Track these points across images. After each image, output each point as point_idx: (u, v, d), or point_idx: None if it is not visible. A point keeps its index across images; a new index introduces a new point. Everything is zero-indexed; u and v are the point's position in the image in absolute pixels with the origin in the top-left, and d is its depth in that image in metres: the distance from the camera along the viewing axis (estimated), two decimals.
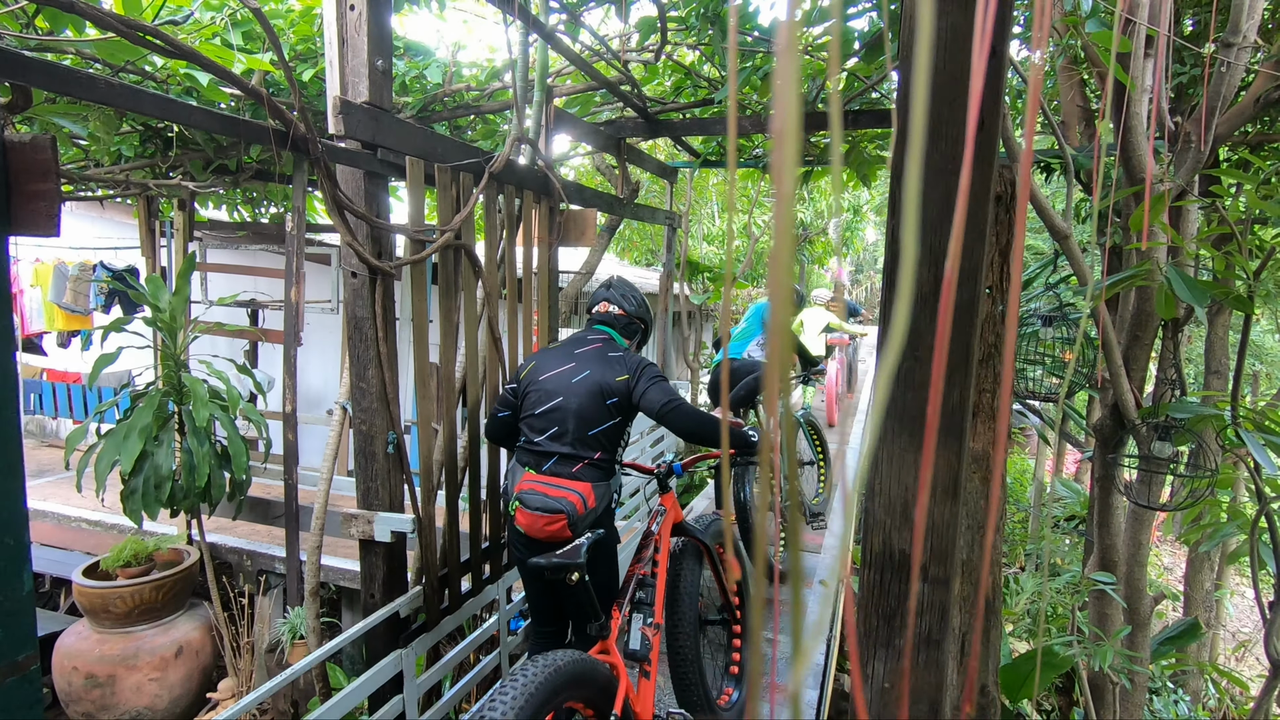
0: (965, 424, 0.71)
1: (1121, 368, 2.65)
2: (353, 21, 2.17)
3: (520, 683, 1.53)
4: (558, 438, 2.12)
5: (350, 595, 4.08)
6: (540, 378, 2.21)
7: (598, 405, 2.12)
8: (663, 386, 2.13)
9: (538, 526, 2.05)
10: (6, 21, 2.11)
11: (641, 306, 2.38)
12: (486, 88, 3.77)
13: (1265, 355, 10.28)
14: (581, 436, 2.11)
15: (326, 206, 2.14)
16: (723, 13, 3.07)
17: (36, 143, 1.13)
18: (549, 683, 1.56)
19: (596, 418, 2.11)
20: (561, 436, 2.12)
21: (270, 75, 3.14)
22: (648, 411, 2.11)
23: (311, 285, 5.89)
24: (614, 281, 2.41)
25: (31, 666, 1.37)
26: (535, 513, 2.04)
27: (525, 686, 1.52)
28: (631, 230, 11.56)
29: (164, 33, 1.64)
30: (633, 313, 2.34)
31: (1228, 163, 3.58)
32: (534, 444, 2.16)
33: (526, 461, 2.16)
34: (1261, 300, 4.76)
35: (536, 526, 2.05)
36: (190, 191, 3.88)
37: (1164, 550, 10.77)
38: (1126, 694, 3.16)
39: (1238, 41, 2.24)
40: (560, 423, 2.12)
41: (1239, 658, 7.79)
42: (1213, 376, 3.86)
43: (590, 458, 2.11)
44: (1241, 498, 6.04)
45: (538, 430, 2.15)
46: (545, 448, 2.13)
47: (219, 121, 1.94)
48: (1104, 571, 3.05)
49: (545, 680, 1.56)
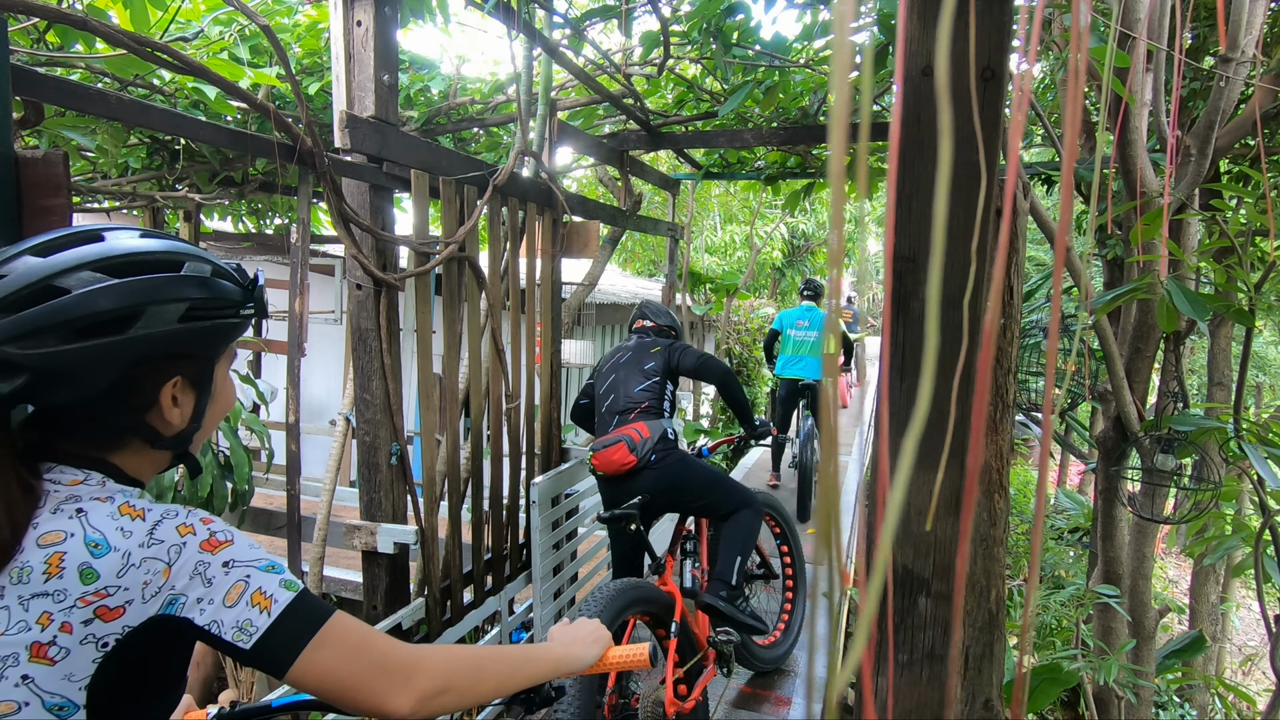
0: (967, 440, 0.72)
1: (1124, 380, 2.65)
2: (359, 37, 2.20)
3: (602, 595, 2.02)
4: (614, 404, 2.82)
5: (352, 606, 4.06)
6: (603, 370, 2.98)
7: (637, 373, 2.83)
8: (693, 351, 2.86)
9: (607, 459, 2.62)
10: (18, 37, 2.14)
11: (668, 317, 3.15)
12: (490, 101, 3.80)
13: (1268, 367, 10.26)
14: (630, 394, 2.79)
15: (332, 219, 2.16)
16: (725, 27, 3.09)
17: (49, 158, 1.15)
18: (623, 595, 2.05)
19: (637, 380, 2.81)
20: (616, 402, 2.81)
21: (277, 89, 3.17)
22: (687, 371, 2.81)
23: (316, 296, 5.91)
24: (646, 302, 3.20)
25: None
26: (604, 450, 2.64)
27: (606, 597, 2.01)
28: (634, 242, 11.60)
29: (173, 49, 1.66)
30: (662, 324, 3.11)
31: (1228, 176, 3.59)
32: (602, 414, 2.86)
33: (599, 429, 2.84)
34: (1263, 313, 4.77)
35: (607, 460, 2.63)
36: (196, 203, 3.90)
37: (1169, 563, 10.70)
38: (1132, 708, 3.14)
39: (1236, 56, 2.25)
40: (614, 392, 2.84)
41: (1245, 672, 7.73)
42: (1215, 388, 3.86)
43: (639, 406, 2.75)
44: (1246, 510, 6.01)
45: (604, 404, 2.87)
46: (609, 413, 2.82)
47: (226, 136, 1.96)
48: (1108, 584, 3.03)
49: (620, 592, 2.06)
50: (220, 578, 0.73)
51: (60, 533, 0.70)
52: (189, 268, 0.79)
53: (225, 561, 0.74)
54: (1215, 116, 2.27)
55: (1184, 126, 2.93)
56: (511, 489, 3.08)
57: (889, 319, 0.76)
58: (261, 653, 0.73)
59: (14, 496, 0.70)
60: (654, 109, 4.27)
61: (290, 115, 2.11)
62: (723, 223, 12.03)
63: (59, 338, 0.70)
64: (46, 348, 0.70)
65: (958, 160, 0.68)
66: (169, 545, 0.72)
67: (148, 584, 0.70)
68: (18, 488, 0.71)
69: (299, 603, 0.75)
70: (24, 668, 0.66)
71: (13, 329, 0.69)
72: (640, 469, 2.57)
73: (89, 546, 0.70)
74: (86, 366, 0.72)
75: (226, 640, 0.72)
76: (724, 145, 4.36)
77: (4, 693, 0.66)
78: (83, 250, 0.74)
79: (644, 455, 2.56)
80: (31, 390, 0.72)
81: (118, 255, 0.75)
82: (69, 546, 0.69)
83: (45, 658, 0.67)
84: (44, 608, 0.67)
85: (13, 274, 0.71)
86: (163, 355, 0.77)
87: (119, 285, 0.73)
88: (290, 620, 0.74)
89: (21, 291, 0.70)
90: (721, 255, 11.89)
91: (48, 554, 0.69)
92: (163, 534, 0.73)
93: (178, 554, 0.72)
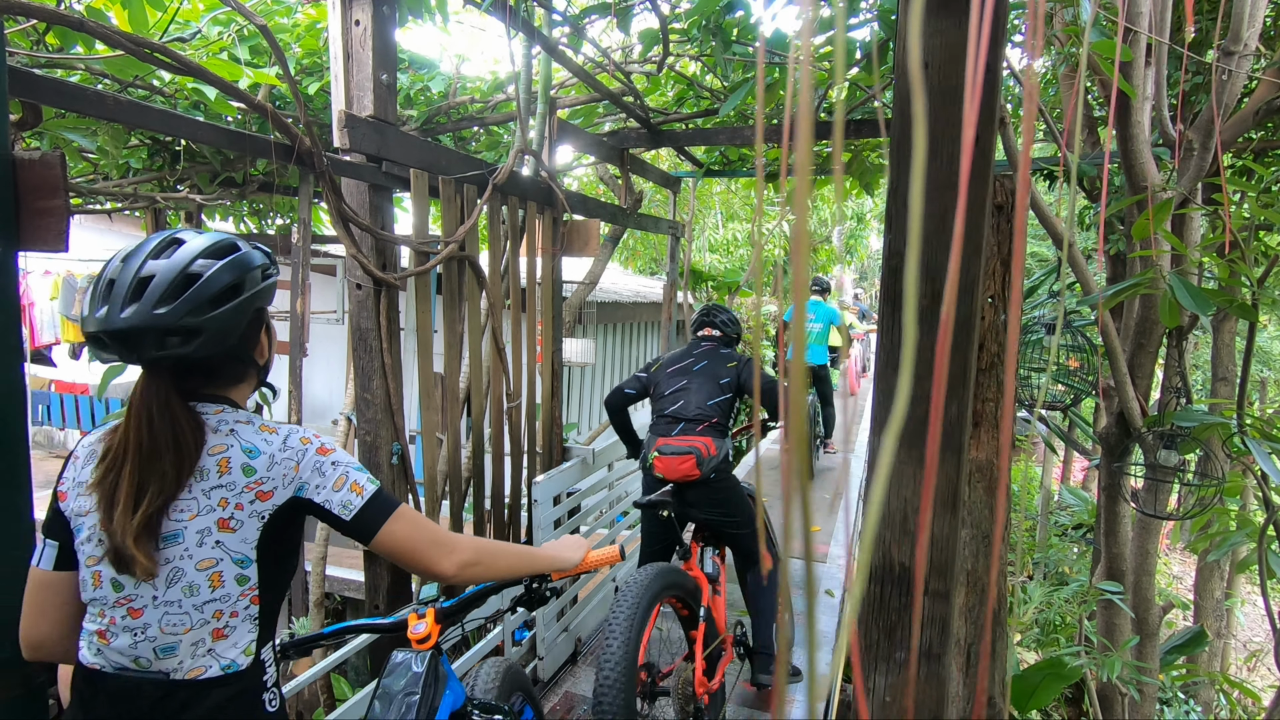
0: (964, 437, 0.71)
1: (1127, 376, 2.64)
2: (358, 36, 2.20)
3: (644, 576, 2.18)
4: (683, 409, 2.81)
5: (355, 606, 4.08)
6: (668, 370, 2.95)
7: (713, 385, 2.83)
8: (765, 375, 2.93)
9: (672, 467, 2.67)
10: (18, 39, 2.14)
11: (735, 326, 3.12)
12: (490, 100, 3.80)
13: (1272, 362, 10.22)
14: (701, 405, 2.79)
15: (331, 219, 2.16)
16: (724, 24, 3.08)
17: (46, 160, 1.15)
18: (658, 579, 2.21)
19: (712, 393, 2.81)
20: (686, 408, 2.80)
21: (276, 89, 3.17)
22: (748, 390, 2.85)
23: (317, 296, 5.92)
24: (711, 307, 3.17)
25: (39, 678, 1.37)
26: (670, 457, 2.67)
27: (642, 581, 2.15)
28: (635, 240, 11.59)
29: (171, 50, 1.66)
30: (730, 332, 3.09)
31: (1231, 170, 3.57)
32: (665, 415, 2.83)
33: (661, 430, 2.81)
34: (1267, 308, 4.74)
35: (671, 467, 2.67)
36: (197, 204, 3.91)
37: (1173, 559, 10.67)
38: (1135, 705, 3.13)
39: (1239, 49, 2.24)
40: (685, 398, 2.82)
41: (1250, 668, 7.70)
42: (1219, 384, 3.84)
43: (709, 420, 2.76)
44: (1250, 506, 5.98)
45: (669, 405, 2.85)
46: (674, 417, 2.81)
47: (225, 136, 1.96)
48: (1112, 581, 3.03)
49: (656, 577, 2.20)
50: (330, 471, 1.07)
51: (223, 445, 1.03)
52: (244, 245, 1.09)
53: (333, 462, 1.08)
54: (1218, 110, 2.26)
55: (1186, 121, 2.92)
56: (513, 488, 3.08)
57: (883, 314, 0.75)
58: (356, 524, 1.07)
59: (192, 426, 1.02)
60: (654, 107, 4.26)
61: (289, 115, 2.11)
62: (724, 220, 12.02)
63: (211, 305, 1.01)
64: (206, 314, 1.00)
65: (950, 154, 0.68)
66: (297, 450, 1.06)
67: (286, 475, 1.05)
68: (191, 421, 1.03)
69: (380, 492, 1.10)
70: (215, 535, 1.01)
71: (184, 307, 0.99)
72: (698, 483, 2.70)
73: (245, 452, 1.03)
74: (230, 323, 1.03)
75: (334, 514, 1.07)
76: (725, 143, 4.35)
77: (207, 553, 1.01)
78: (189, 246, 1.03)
79: (707, 472, 2.67)
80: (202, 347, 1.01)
81: (212, 245, 1.05)
82: (231, 454, 1.03)
83: (228, 528, 1.01)
84: (221, 495, 1.01)
85: (158, 274, 0.99)
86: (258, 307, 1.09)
87: (226, 263, 1.04)
88: (375, 502, 1.09)
89: (174, 283, 0.99)
90: (723, 253, 11.87)
91: (217, 460, 1.02)
92: (292, 443, 1.07)
93: (303, 456, 1.06)
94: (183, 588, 1.00)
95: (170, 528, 1.00)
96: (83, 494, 1.03)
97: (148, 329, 0.97)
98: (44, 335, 5.98)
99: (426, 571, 1.13)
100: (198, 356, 1.01)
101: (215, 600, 1.01)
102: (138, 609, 1.00)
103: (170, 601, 1.00)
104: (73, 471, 1.06)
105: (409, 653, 1.37)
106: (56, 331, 5.90)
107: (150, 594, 1.00)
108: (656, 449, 2.74)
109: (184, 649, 1.00)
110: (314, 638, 1.40)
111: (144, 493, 0.99)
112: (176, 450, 1.00)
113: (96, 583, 1.01)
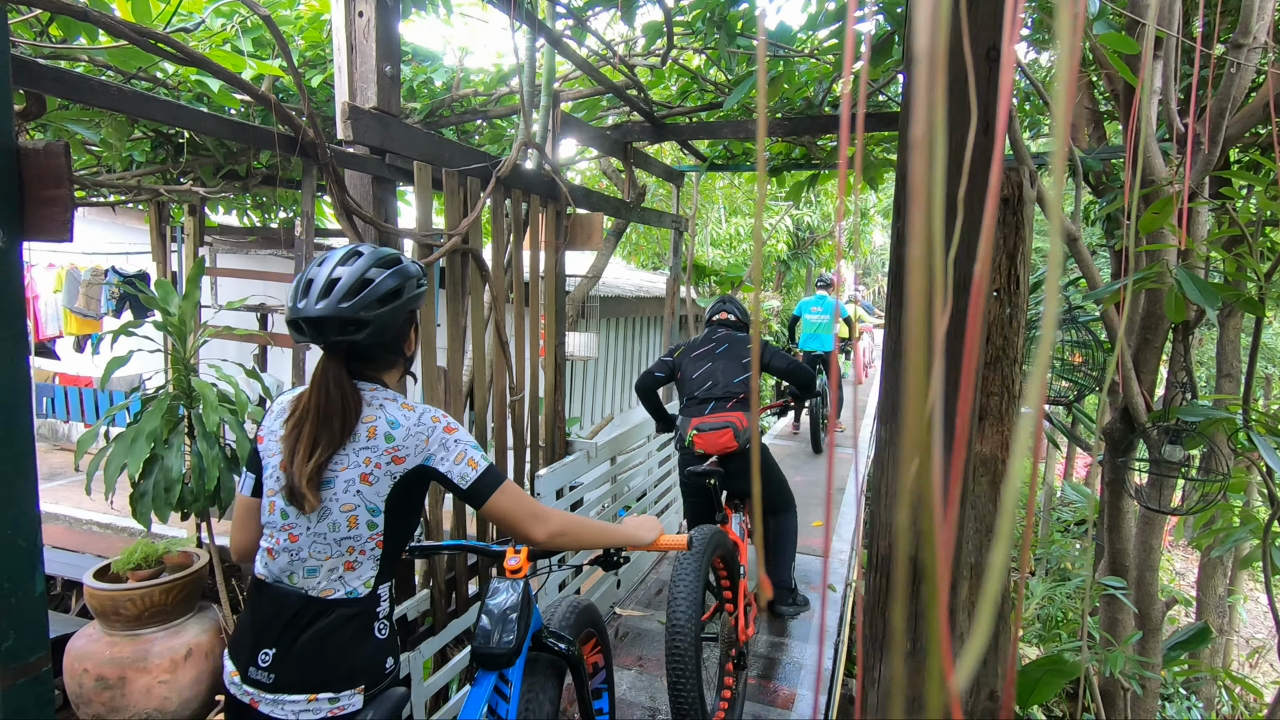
0: (970, 430, 0.71)
1: (1132, 371, 2.63)
2: (361, 28, 2.19)
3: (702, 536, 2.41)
4: (712, 390, 3.11)
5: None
6: (691, 355, 3.25)
7: (737, 365, 3.15)
8: (784, 355, 3.23)
9: (711, 441, 2.96)
10: (21, 30, 2.13)
11: (746, 313, 3.43)
12: (493, 93, 3.78)
13: (1277, 358, 10.18)
14: (729, 384, 3.10)
15: (335, 212, 2.16)
16: (729, 17, 3.07)
17: (50, 150, 1.14)
18: (711, 540, 2.45)
19: (737, 372, 3.13)
20: (714, 388, 3.10)
21: (280, 81, 3.16)
22: (777, 371, 3.17)
23: None
24: (725, 297, 3.49)
25: (43, 668, 1.38)
26: (709, 433, 2.96)
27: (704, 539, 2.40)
28: (638, 234, 11.57)
29: (175, 40, 1.66)
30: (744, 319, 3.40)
31: (1238, 164, 3.55)
32: (695, 397, 3.13)
33: (693, 411, 3.10)
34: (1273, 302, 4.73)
35: (711, 441, 2.96)
36: (200, 197, 3.91)
37: (1176, 555, 10.66)
38: (1138, 700, 3.13)
39: (1248, 43, 2.22)
40: (713, 380, 3.13)
41: (1253, 664, 7.70)
42: (1224, 379, 3.83)
43: (738, 396, 3.07)
44: (1254, 502, 5.97)
45: (697, 388, 3.14)
46: (705, 398, 3.10)
47: (228, 127, 1.95)
48: (1114, 576, 3.02)
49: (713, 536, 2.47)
50: (452, 446, 1.33)
51: (373, 416, 1.30)
52: (405, 259, 1.38)
53: (456, 439, 1.34)
54: (1226, 104, 2.25)
55: (1195, 114, 2.89)
56: (516, 481, 3.08)
57: (889, 306, 0.75)
58: (471, 492, 1.33)
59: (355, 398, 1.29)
60: (658, 100, 4.25)
61: (293, 107, 2.11)
62: (727, 215, 11.98)
63: (378, 304, 1.28)
64: (374, 311, 1.27)
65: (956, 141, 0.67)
66: (428, 427, 1.32)
67: (418, 446, 1.30)
68: (354, 394, 1.30)
69: (491, 468, 1.35)
70: (358, 486, 1.28)
71: (360, 303, 1.26)
72: (736, 454, 2.99)
73: (389, 424, 1.30)
74: (389, 319, 1.31)
75: (454, 482, 1.33)
76: (728, 136, 4.33)
77: (349, 499, 1.28)
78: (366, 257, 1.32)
79: (743, 443, 2.97)
80: (369, 336, 1.28)
81: (382, 258, 1.33)
82: (378, 424, 1.30)
83: (368, 481, 1.28)
84: (366, 455, 1.28)
85: (343, 277, 1.27)
86: (411, 310, 1.38)
87: (392, 272, 1.32)
88: (487, 476, 1.34)
89: (354, 285, 1.27)
90: (726, 248, 11.84)
91: (368, 427, 1.29)
92: (425, 420, 1.32)
93: (432, 431, 1.32)
94: (329, 524, 1.27)
95: (327, 475, 1.27)
96: (273, 440, 1.34)
97: (333, 318, 1.25)
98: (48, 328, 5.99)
99: (523, 537, 1.38)
100: (365, 344, 1.29)
101: (350, 538, 1.28)
102: (296, 535, 1.29)
103: (319, 534, 1.28)
104: (269, 420, 1.38)
105: (505, 581, 1.61)
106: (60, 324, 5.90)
107: (306, 525, 1.28)
108: (694, 428, 3.01)
109: (323, 573, 1.28)
110: (436, 546, 1.70)
111: (317, 446, 1.26)
112: (343, 415, 1.27)
113: (271, 510, 1.32)
